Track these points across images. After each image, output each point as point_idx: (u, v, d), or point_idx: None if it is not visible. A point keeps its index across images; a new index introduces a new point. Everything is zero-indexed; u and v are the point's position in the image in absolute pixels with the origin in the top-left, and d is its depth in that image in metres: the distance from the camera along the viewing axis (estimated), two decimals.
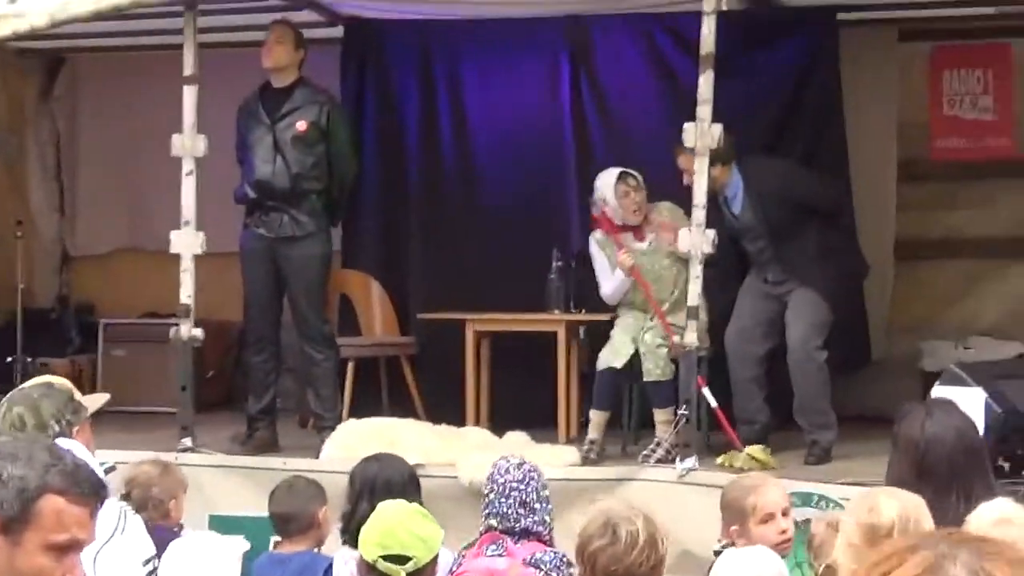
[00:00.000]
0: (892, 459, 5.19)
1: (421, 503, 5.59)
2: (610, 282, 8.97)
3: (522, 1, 9.45)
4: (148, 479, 6.35)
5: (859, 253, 9.37)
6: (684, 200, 8.33)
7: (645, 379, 8.67)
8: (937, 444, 5.05)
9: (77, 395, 5.32)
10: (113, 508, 4.87)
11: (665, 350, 8.56)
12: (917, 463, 5.05)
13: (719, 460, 8.20)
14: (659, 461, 8.20)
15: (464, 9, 9.73)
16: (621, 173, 8.93)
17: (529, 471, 5.86)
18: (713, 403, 8.31)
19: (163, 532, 5.83)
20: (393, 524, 5.00)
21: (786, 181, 8.76)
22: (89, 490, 3.18)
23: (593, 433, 8.74)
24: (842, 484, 7.53)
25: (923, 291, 10.42)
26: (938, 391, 7.58)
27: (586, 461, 8.46)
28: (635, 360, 8.71)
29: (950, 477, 5.02)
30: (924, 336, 10.25)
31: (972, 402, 7.33)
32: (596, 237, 9.06)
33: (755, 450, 8.24)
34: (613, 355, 8.73)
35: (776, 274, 8.76)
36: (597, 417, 8.79)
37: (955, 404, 5.21)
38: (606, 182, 8.93)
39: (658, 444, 8.37)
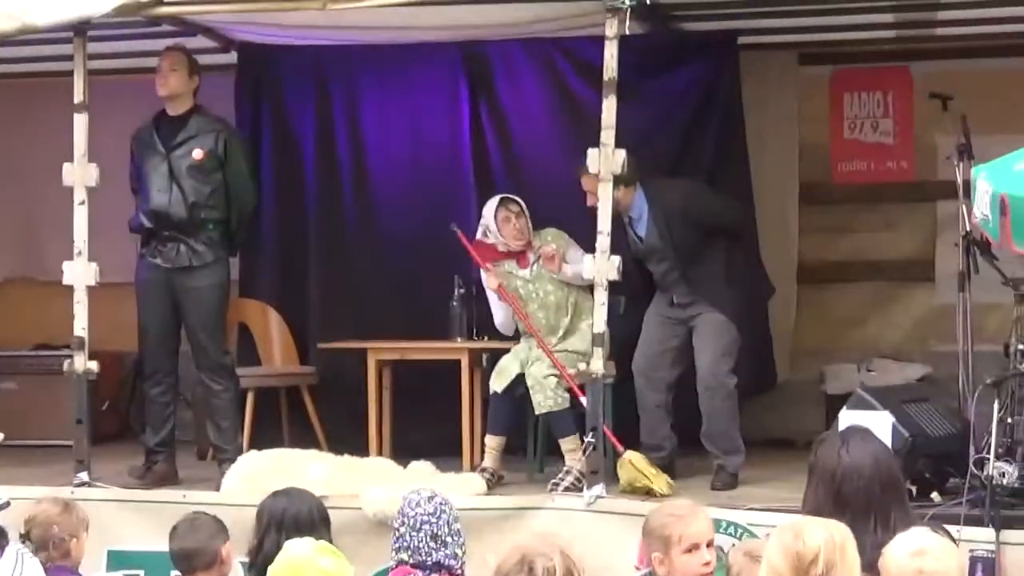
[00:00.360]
0: (809, 488, 5.15)
1: (330, 539, 5.50)
2: (499, 311, 8.95)
3: (419, 26, 9.34)
4: (48, 518, 6.20)
5: (764, 274, 9.39)
6: (588, 222, 8.27)
7: (537, 412, 8.61)
8: (854, 473, 5.02)
9: None
10: (10, 552, 4.72)
11: (555, 379, 8.49)
12: (834, 492, 5.02)
13: (620, 486, 8.12)
14: (567, 489, 8.12)
15: (360, 35, 9.63)
16: (503, 199, 8.92)
17: (440, 504, 5.79)
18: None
19: (63, 573, 5.68)
20: (301, 563, 4.90)
21: (690, 201, 8.73)
22: None
23: (487, 460, 8.67)
24: (751, 510, 7.48)
25: (826, 314, 10.48)
26: (845, 415, 7.61)
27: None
28: (523, 384, 8.63)
29: (867, 506, 4.99)
30: (827, 359, 10.32)
31: (879, 426, 7.36)
32: (484, 277, 9.03)
33: (635, 457, 8.16)
34: (497, 378, 8.70)
35: (682, 296, 8.72)
36: (491, 442, 8.73)
37: (871, 432, 5.18)
38: (489, 207, 8.91)
39: (567, 472, 8.30)
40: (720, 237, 8.71)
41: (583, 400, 8.19)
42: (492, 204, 8.94)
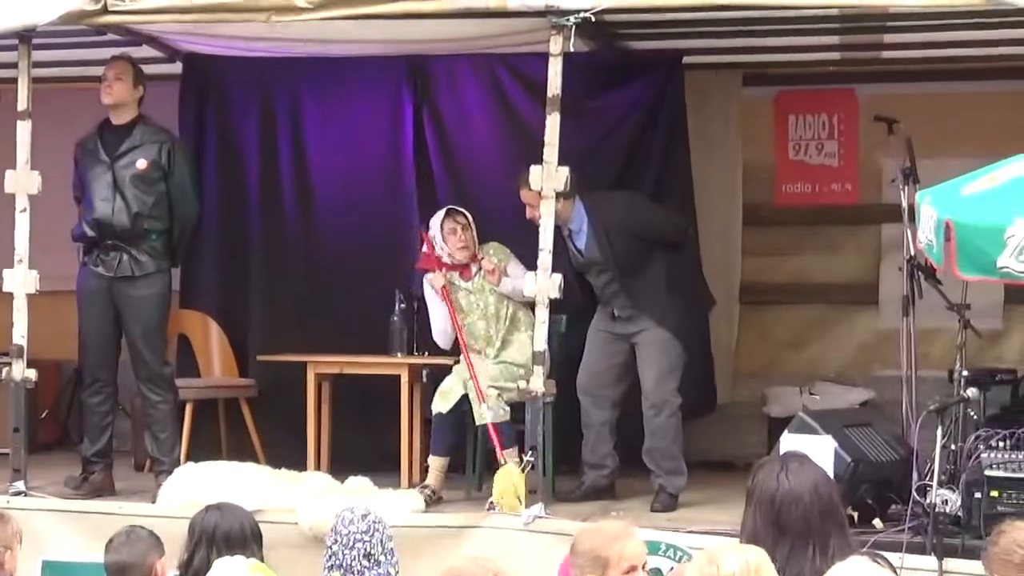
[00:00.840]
0: (747, 513, 5.11)
1: (262, 556, 5.46)
2: (438, 319, 8.94)
3: (363, 40, 9.32)
4: None
5: (704, 286, 9.38)
6: (528, 235, 8.26)
7: (478, 423, 8.60)
8: (793, 499, 4.99)
9: None
10: None
11: (495, 391, 8.49)
12: (773, 518, 4.99)
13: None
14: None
15: (304, 48, 9.59)
16: (449, 210, 8.95)
17: (374, 522, 5.76)
18: (488, 419, 8.45)
19: None
20: None
21: (630, 211, 8.74)
22: None
23: (430, 479, 8.66)
24: (691, 532, 7.47)
25: (768, 336, 10.50)
26: (787, 439, 7.59)
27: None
28: (467, 403, 8.63)
29: (806, 533, 4.96)
30: (769, 382, 10.31)
31: (821, 450, 7.35)
32: (428, 277, 9.01)
33: (514, 471, 8.06)
34: (441, 399, 8.67)
35: (622, 308, 8.72)
36: (435, 462, 8.71)
37: (809, 457, 5.16)
38: (436, 219, 8.94)
39: None
40: (660, 249, 8.71)
41: (496, 443, 8.35)
42: (439, 215, 8.97)
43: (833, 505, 5.07)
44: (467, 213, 8.94)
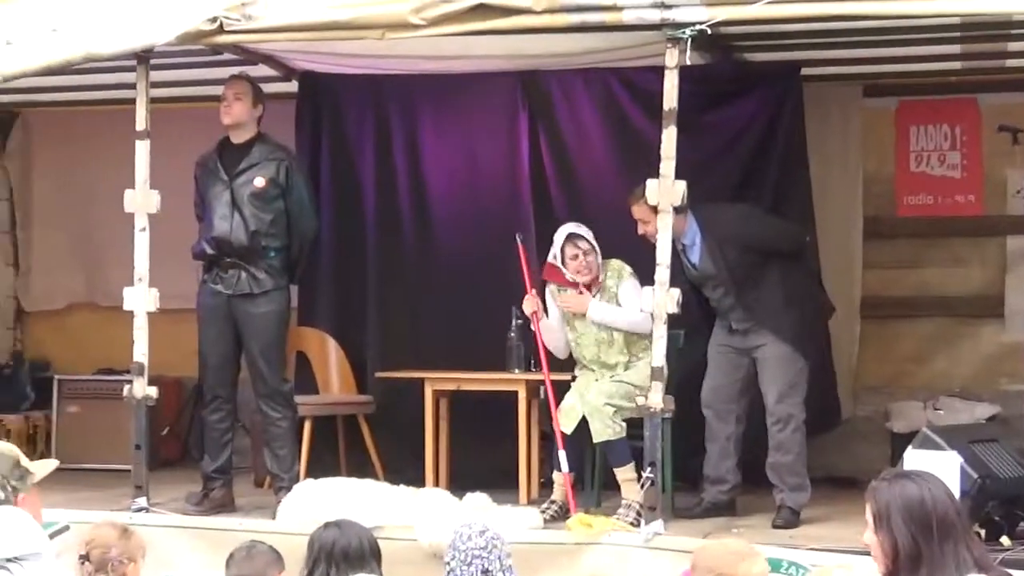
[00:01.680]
0: (885, 530, 4.89)
1: (381, 572, 5.45)
2: (547, 332, 8.90)
3: (478, 55, 9.32)
4: (107, 540, 6.16)
5: (824, 294, 9.24)
6: (643, 250, 8.19)
7: (595, 440, 8.54)
8: (941, 503, 4.81)
9: (24, 460, 5.15)
10: None
11: (612, 408, 8.43)
12: (923, 526, 4.77)
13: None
14: (632, 523, 8.03)
15: (419, 64, 9.61)
16: (569, 235, 8.80)
17: (492, 538, 5.72)
18: (564, 468, 8.47)
19: None
20: None
21: (743, 224, 8.65)
22: None
23: (556, 494, 8.63)
24: (813, 550, 7.35)
25: (891, 350, 10.35)
26: (912, 455, 7.47)
27: (545, 521, 8.30)
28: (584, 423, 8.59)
29: (954, 538, 4.79)
30: (892, 397, 10.17)
31: (947, 467, 7.23)
32: (550, 288, 8.96)
33: (583, 517, 8.13)
34: (564, 419, 8.61)
35: (739, 321, 8.64)
36: (559, 478, 8.66)
37: (932, 473, 5.01)
38: (557, 239, 8.85)
39: (628, 506, 8.23)
40: (776, 260, 8.60)
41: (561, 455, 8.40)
42: (562, 235, 8.84)
43: (964, 517, 4.92)
44: (589, 237, 8.80)
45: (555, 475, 8.70)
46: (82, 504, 8.54)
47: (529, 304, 8.87)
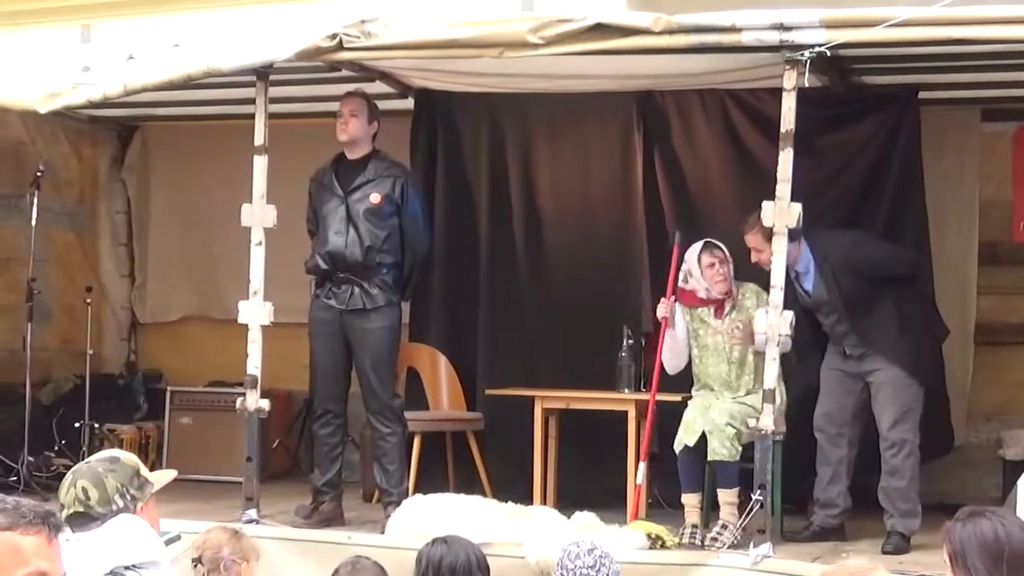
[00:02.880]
0: (960, 569, 4.85)
1: None
2: (666, 348, 8.83)
3: (593, 75, 9.33)
4: (219, 542, 6.24)
5: (938, 319, 9.15)
6: (755, 272, 8.18)
7: (710, 458, 8.49)
8: (1014, 543, 4.78)
9: (143, 470, 5.22)
10: None
11: (733, 430, 8.39)
12: (997, 564, 4.76)
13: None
14: (731, 547, 8.00)
15: (535, 83, 9.64)
16: (707, 243, 8.79)
17: (601, 557, 5.72)
18: (640, 480, 8.54)
19: None
20: None
21: (855, 251, 8.59)
22: (36, 519, 3.24)
23: (691, 518, 8.57)
24: None
25: (1004, 377, 10.23)
26: None
27: (683, 546, 8.26)
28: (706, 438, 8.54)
29: None
30: (1006, 424, 10.06)
31: None
32: (680, 306, 8.90)
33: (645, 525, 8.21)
34: (685, 432, 8.55)
35: (853, 347, 8.59)
36: (691, 500, 8.63)
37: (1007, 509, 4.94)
38: (692, 251, 8.80)
39: (724, 527, 8.21)
40: (890, 286, 8.53)
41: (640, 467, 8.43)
42: (696, 248, 8.79)
43: None
44: (723, 247, 8.78)
45: (684, 498, 8.66)
46: (193, 515, 8.60)
47: (663, 308, 8.81)
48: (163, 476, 5.34)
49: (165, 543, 5.28)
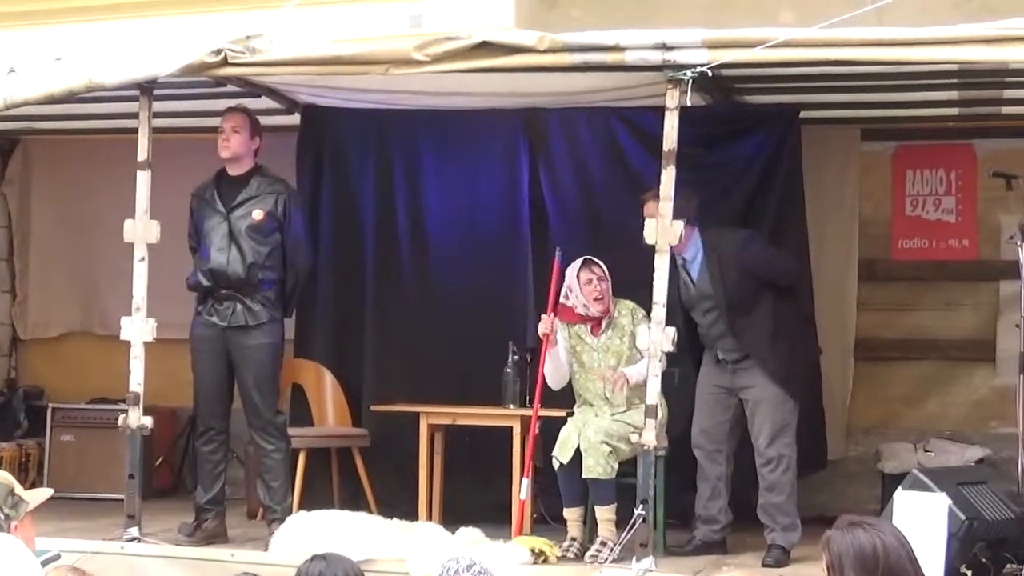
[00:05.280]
0: None
1: None
2: (549, 360, 8.84)
3: (480, 92, 9.37)
4: None
5: (813, 336, 9.26)
6: (640, 287, 8.20)
7: (585, 475, 8.52)
8: (892, 550, 4.86)
9: (18, 488, 5.16)
10: None
11: (608, 448, 8.43)
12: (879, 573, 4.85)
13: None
14: (613, 562, 8.05)
15: (421, 99, 9.65)
16: (585, 260, 8.83)
17: (479, 572, 5.71)
18: (524, 495, 8.60)
19: None
20: None
21: (746, 245, 8.68)
22: None
23: (572, 531, 8.64)
24: None
25: (883, 392, 10.39)
26: (901, 496, 7.51)
27: (566, 559, 8.34)
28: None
29: None
30: (884, 438, 10.21)
31: (935, 508, 7.28)
32: (558, 322, 8.93)
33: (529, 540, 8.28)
34: (560, 450, 8.61)
35: (727, 350, 8.64)
36: (571, 514, 8.69)
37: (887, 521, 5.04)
38: (572, 267, 8.84)
39: (603, 544, 8.26)
40: (771, 293, 8.60)
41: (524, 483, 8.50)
42: (575, 265, 8.83)
43: (917, 560, 4.95)
44: (603, 265, 8.84)
45: (566, 512, 8.71)
46: (74, 533, 8.57)
47: (544, 325, 8.82)
48: (38, 495, 5.29)
49: (43, 563, 5.23)
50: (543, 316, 8.86)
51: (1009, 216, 8.86)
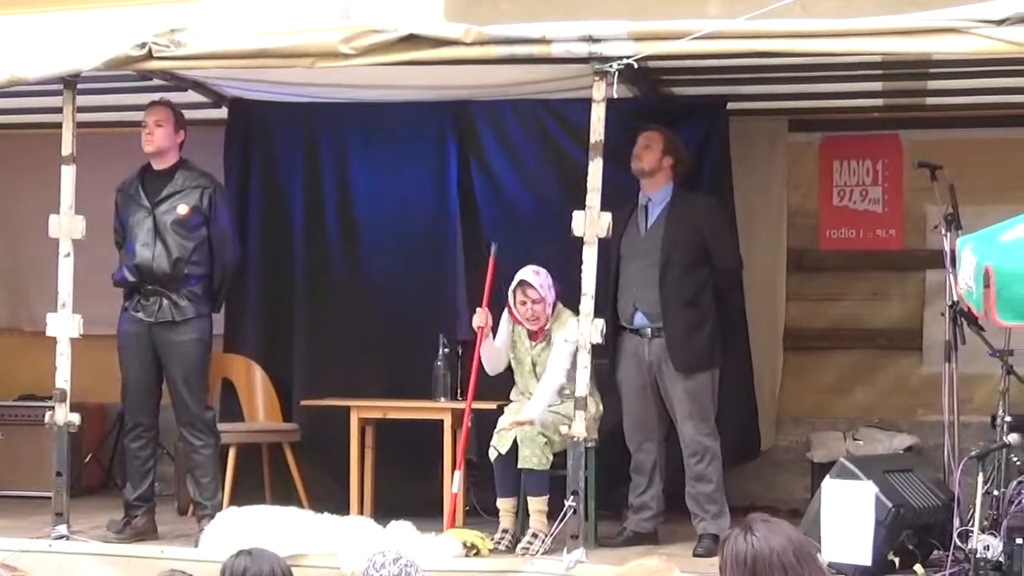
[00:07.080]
0: None
1: None
2: (485, 348, 8.84)
3: (407, 85, 9.34)
4: None
5: (739, 329, 9.28)
6: (572, 270, 8.16)
7: (520, 466, 8.52)
8: (764, 554, 4.87)
9: None
10: None
11: (544, 439, 8.44)
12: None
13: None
14: (544, 553, 8.06)
15: (349, 92, 9.63)
16: (520, 282, 8.73)
17: (406, 566, 5.72)
18: (455, 488, 8.61)
19: None
20: None
21: (712, 212, 8.77)
22: None
23: (504, 522, 8.64)
24: None
25: (812, 381, 10.46)
26: (829, 484, 7.57)
27: (497, 551, 8.33)
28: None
29: None
30: (813, 427, 10.29)
31: (862, 496, 7.34)
32: (505, 315, 8.92)
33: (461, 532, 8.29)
34: (498, 440, 8.61)
35: (647, 304, 8.62)
36: (505, 505, 8.68)
37: (781, 521, 5.06)
38: (515, 279, 8.76)
39: (534, 535, 8.27)
40: (706, 272, 8.63)
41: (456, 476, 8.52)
42: (514, 281, 8.75)
43: (811, 555, 4.96)
44: (540, 285, 8.68)
45: (499, 502, 8.71)
46: (2, 531, 8.49)
47: (479, 318, 8.79)
48: None
49: None
50: (478, 309, 8.84)
51: (934, 206, 8.90)
